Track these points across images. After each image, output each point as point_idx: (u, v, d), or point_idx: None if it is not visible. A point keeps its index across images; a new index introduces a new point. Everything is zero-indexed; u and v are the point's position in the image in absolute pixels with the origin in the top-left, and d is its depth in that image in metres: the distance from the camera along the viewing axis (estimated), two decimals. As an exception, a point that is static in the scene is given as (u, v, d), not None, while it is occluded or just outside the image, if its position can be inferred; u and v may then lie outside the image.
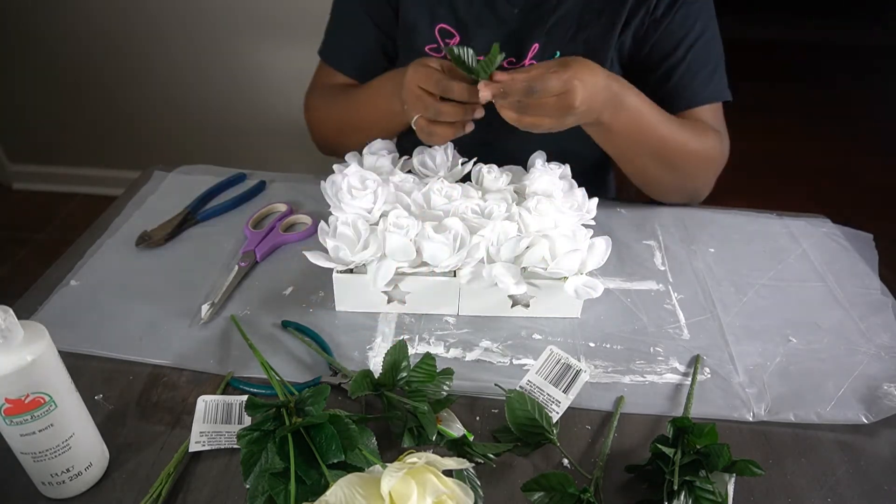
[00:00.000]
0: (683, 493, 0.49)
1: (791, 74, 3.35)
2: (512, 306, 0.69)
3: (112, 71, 1.96)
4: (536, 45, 0.83)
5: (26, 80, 2.00)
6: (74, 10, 1.84)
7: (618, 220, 0.86)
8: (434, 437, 0.53)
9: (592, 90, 0.66)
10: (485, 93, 0.66)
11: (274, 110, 1.97)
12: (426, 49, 0.86)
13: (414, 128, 0.74)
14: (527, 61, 0.84)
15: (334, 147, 0.93)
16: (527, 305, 0.69)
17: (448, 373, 0.57)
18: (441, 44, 0.85)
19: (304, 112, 0.95)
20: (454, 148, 0.80)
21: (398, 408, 0.56)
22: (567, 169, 0.77)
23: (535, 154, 0.79)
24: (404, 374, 0.57)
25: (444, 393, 0.57)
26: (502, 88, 0.65)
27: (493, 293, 0.68)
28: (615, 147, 0.79)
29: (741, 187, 0.77)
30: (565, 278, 0.66)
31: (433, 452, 0.50)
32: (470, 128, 0.73)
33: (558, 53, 0.83)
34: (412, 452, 0.45)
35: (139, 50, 1.91)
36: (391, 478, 0.42)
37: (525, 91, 0.64)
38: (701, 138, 0.80)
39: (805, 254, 0.82)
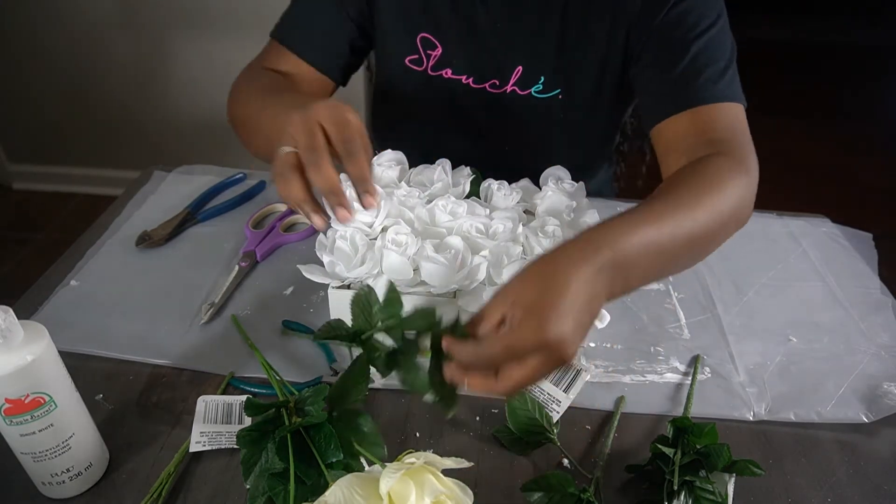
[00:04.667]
0: (683, 493, 0.49)
1: (791, 74, 3.35)
2: None
3: (112, 71, 1.96)
4: (520, 69, 0.79)
5: (26, 80, 2.00)
6: (74, 10, 1.84)
7: (618, 220, 0.86)
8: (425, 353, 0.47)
9: (579, 311, 0.43)
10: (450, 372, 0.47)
11: (274, 110, 1.96)
12: (406, 61, 0.81)
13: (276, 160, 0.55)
14: (509, 87, 0.80)
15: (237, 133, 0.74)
16: None
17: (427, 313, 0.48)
18: (422, 55, 0.80)
19: (230, 91, 0.77)
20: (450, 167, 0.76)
21: (379, 349, 0.50)
22: (581, 187, 0.73)
23: (549, 170, 0.75)
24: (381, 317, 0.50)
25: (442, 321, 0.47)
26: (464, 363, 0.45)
27: None
28: (656, 279, 0.62)
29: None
30: None
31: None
32: (321, 224, 0.54)
33: (543, 79, 0.79)
34: (411, 452, 0.46)
35: (139, 50, 1.91)
36: (390, 478, 0.42)
37: (488, 366, 0.45)
38: (718, 188, 0.57)
39: (805, 253, 0.82)
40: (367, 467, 0.49)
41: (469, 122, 0.84)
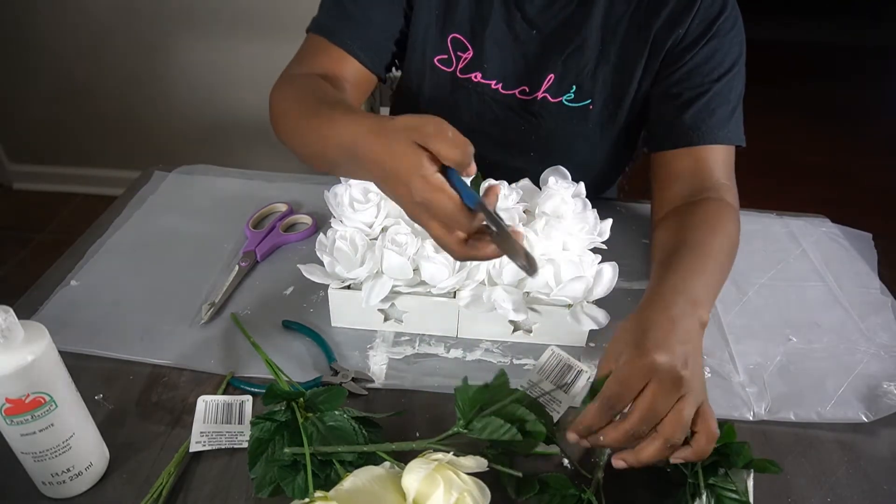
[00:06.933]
0: (706, 494, 0.49)
1: (792, 75, 3.35)
2: (514, 331, 0.67)
3: (112, 71, 1.96)
4: (552, 76, 0.79)
5: (26, 80, 2.00)
6: (74, 10, 1.84)
7: (618, 219, 0.86)
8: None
9: (678, 341, 0.51)
10: (572, 437, 0.51)
11: (274, 110, 1.96)
12: (435, 60, 0.80)
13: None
14: (539, 94, 0.80)
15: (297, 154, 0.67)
16: (529, 331, 0.67)
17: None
18: (452, 56, 0.80)
19: (270, 99, 0.71)
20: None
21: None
22: (581, 187, 0.73)
23: (548, 170, 0.75)
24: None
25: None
26: (600, 436, 0.49)
27: (494, 317, 0.64)
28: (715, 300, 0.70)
29: (741, 187, 0.76)
30: (570, 305, 0.64)
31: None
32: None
33: (574, 88, 0.79)
34: (430, 451, 0.46)
35: (139, 50, 1.91)
36: (419, 471, 0.43)
37: (639, 425, 0.48)
38: (727, 233, 0.70)
39: (805, 254, 0.82)
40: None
41: (494, 128, 0.83)
